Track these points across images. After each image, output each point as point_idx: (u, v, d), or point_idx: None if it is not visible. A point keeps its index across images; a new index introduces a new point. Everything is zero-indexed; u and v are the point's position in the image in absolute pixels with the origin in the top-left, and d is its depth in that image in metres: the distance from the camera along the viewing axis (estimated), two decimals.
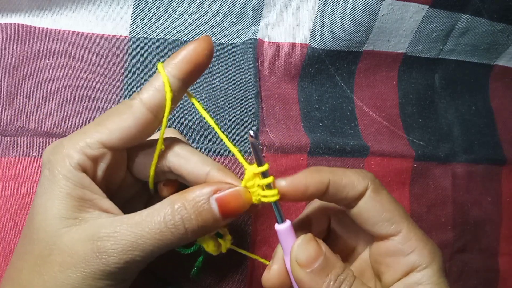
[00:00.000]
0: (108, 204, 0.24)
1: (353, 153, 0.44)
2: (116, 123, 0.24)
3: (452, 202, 0.49)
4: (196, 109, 0.39)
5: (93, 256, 0.22)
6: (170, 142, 0.26)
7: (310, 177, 0.25)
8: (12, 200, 0.34)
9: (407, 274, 0.25)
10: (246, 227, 0.39)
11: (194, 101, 0.26)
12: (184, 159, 0.26)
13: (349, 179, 0.25)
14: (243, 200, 0.24)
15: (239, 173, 0.39)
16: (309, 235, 0.25)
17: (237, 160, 0.39)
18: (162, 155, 0.26)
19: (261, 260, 0.33)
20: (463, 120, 0.52)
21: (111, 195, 0.25)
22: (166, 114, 0.24)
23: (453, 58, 0.51)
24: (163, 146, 0.25)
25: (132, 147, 0.26)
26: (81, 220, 0.23)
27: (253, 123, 0.40)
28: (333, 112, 0.46)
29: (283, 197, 0.25)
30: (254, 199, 0.25)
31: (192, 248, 0.31)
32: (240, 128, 0.40)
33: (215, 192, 0.23)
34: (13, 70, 0.35)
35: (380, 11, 0.42)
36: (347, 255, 0.30)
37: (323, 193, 0.25)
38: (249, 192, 0.25)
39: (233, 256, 0.39)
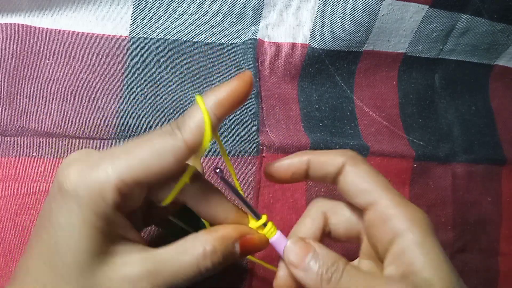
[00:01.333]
0: (134, 234, 0.24)
1: None
2: (155, 160, 0.22)
3: (452, 202, 0.49)
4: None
5: (148, 281, 0.22)
6: (193, 179, 0.25)
7: (291, 158, 0.27)
8: (12, 200, 0.34)
9: (391, 243, 0.24)
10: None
11: (218, 138, 0.27)
12: (203, 199, 0.26)
13: (327, 156, 0.27)
14: (261, 245, 0.27)
15: (239, 174, 0.39)
16: (296, 237, 0.27)
17: (237, 160, 0.39)
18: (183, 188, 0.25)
19: (262, 263, 0.33)
20: (463, 120, 0.52)
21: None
22: (200, 153, 0.23)
23: (453, 58, 0.51)
24: (188, 180, 0.24)
25: None
26: (113, 256, 0.22)
27: (253, 123, 0.40)
28: (333, 112, 0.46)
29: (272, 179, 0.28)
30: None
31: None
32: (240, 128, 0.40)
33: (240, 237, 0.25)
34: (13, 70, 0.35)
35: (380, 11, 0.42)
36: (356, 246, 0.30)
37: (305, 172, 0.27)
38: (267, 239, 0.27)
39: None
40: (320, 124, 0.44)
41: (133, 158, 0.22)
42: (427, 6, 0.44)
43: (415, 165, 0.47)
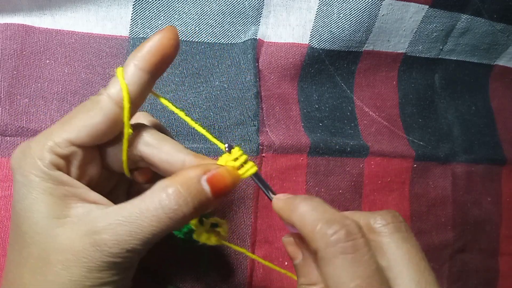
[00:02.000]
0: (95, 196, 0.24)
1: (353, 153, 0.44)
2: (84, 120, 0.23)
3: (452, 202, 0.49)
4: (196, 109, 0.40)
5: (94, 250, 0.22)
6: (138, 130, 0.26)
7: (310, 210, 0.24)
8: (12, 200, 0.33)
9: None
10: (246, 227, 0.39)
11: (162, 100, 0.26)
12: (155, 148, 0.26)
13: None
14: (232, 177, 0.25)
15: None
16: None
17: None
18: (131, 144, 0.25)
19: (260, 260, 0.33)
20: (463, 120, 0.52)
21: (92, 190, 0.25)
22: (126, 106, 0.24)
23: (453, 58, 0.51)
24: (131, 130, 0.24)
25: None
26: (72, 217, 0.23)
27: (253, 123, 0.40)
28: (333, 112, 0.46)
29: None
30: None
31: (184, 229, 0.32)
32: (240, 128, 0.40)
33: (204, 173, 0.24)
34: (13, 70, 0.35)
35: (380, 11, 0.42)
36: None
37: None
38: (236, 169, 0.25)
39: (233, 256, 0.39)
40: (320, 124, 0.44)
41: (65, 122, 0.24)
42: (427, 6, 0.44)
43: (415, 165, 0.47)
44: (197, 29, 0.40)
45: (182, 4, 0.39)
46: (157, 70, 0.24)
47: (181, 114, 0.27)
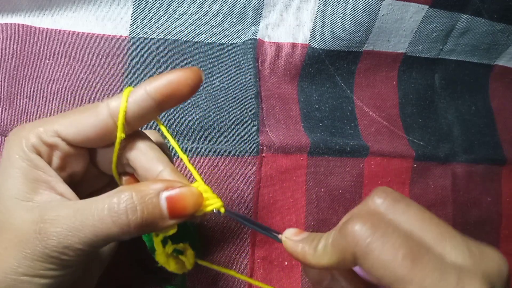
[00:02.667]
0: (63, 188, 0.24)
1: (353, 153, 0.44)
2: (76, 119, 0.24)
3: (452, 202, 0.49)
4: (196, 109, 0.40)
5: (34, 237, 0.22)
6: (135, 136, 0.26)
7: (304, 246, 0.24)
8: None
9: None
10: (246, 227, 0.39)
11: (162, 128, 0.26)
12: (141, 153, 0.25)
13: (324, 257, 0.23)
14: (194, 201, 0.24)
15: (239, 174, 0.39)
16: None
17: (237, 160, 0.39)
18: (123, 147, 0.25)
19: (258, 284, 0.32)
20: (463, 120, 0.52)
21: (75, 185, 0.25)
22: (120, 117, 0.24)
23: (453, 58, 0.51)
24: (123, 135, 0.24)
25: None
26: (34, 202, 0.23)
27: (253, 123, 0.40)
28: (333, 112, 0.46)
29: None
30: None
31: (149, 244, 0.30)
32: (240, 128, 0.40)
33: (166, 188, 0.23)
34: (13, 70, 0.35)
35: (380, 11, 0.42)
36: None
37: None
38: (201, 195, 0.24)
39: (233, 255, 0.39)
40: (320, 124, 0.44)
41: (61, 115, 0.24)
42: (427, 6, 0.44)
43: (415, 165, 0.47)
44: (197, 29, 0.40)
45: (182, 4, 0.39)
46: (164, 101, 0.24)
47: (177, 148, 0.26)
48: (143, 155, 0.25)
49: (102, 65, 0.38)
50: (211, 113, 0.40)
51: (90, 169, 0.27)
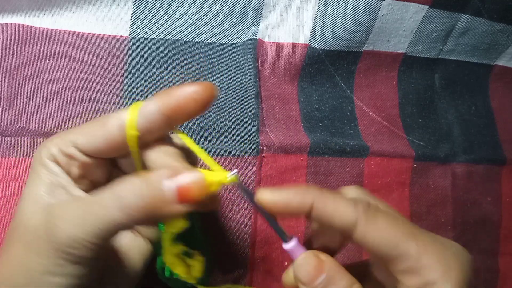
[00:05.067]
0: (79, 192, 0.25)
1: (353, 153, 0.44)
2: (89, 130, 0.25)
3: (452, 202, 0.49)
4: None
5: (44, 233, 0.22)
6: (159, 140, 0.26)
7: (290, 193, 0.24)
8: (12, 200, 0.34)
9: None
10: (246, 227, 0.39)
11: (183, 136, 0.26)
12: (161, 158, 0.25)
13: (335, 207, 0.24)
14: (201, 185, 0.23)
15: (240, 174, 0.39)
16: (310, 252, 0.25)
17: (237, 161, 0.39)
18: (146, 151, 0.26)
19: None
20: (463, 120, 0.52)
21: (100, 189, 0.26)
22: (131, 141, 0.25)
23: (453, 58, 0.51)
24: (137, 132, 0.24)
25: None
26: (49, 202, 0.24)
27: (253, 123, 0.40)
28: (333, 112, 0.46)
29: (268, 209, 0.25)
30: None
31: (167, 274, 0.28)
32: (240, 128, 0.40)
33: (173, 174, 0.23)
34: (13, 70, 0.35)
35: (380, 11, 0.42)
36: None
37: (307, 215, 0.24)
38: (204, 176, 0.24)
39: (233, 253, 0.39)
40: (320, 124, 0.44)
41: (80, 127, 0.26)
42: (427, 6, 0.44)
43: (415, 165, 0.47)
44: (197, 29, 0.40)
45: (182, 4, 0.39)
46: (173, 116, 0.24)
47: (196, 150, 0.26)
48: (159, 153, 0.25)
49: (102, 65, 0.38)
50: (211, 113, 0.40)
51: (115, 173, 0.28)
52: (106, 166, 0.27)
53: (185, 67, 0.40)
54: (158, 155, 0.25)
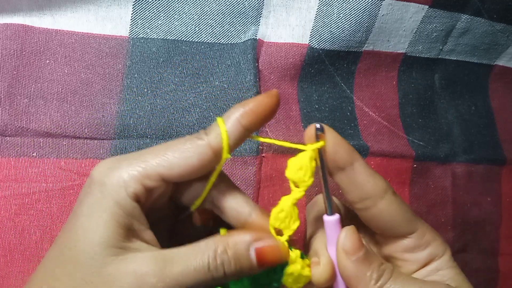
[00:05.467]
0: (149, 235, 0.25)
1: None
2: (180, 159, 0.24)
3: (452, 202, 0.49)
4: (196, 109, 0.40)
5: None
6: (220, 177, 0.27)
7: (345, 146, 0.27)
8: (12, 200, 0.34)
9: (426, 265, 0.28)
10: None
11: (260, 139, 0.28)
12: (230, 195, 0.27)
13: (372, 173, 0.26)
14: (280, 254, 0.25)
15: (239, 174, 0.39)
16: (353, 227, 0.26)
17: (237, 161, 0.39)
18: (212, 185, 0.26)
19: None
20: (463, 120, 0.52)
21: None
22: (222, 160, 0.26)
23: (453, 58, 0.51)
24: (229, 155, 0.26)
25: None
26: (126, 251, 0.23)
27: None
28: (333, 112, 0.46)
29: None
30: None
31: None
32: None
33: (255, 240, 0.24)
34: (13, 70, 0.35)
35: (380, 11, 0.42)
36: None
37: (342, 170, 0.27)
38: (286, 246, 0.26)
39: None
40: None
41: (159, 154, 0.24)
42: (427, 6, 0.44)
43: (415, 165, 0.47)
44: (197, 29, 0.40)
45: (182, 4, 0.39)
46: (253, 128, 0.25)
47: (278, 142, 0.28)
48: (231, 197, 0.27)
49: (102, 65, 0.38)
50: (211, 113, 0.40)
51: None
52: (169, 192, 0.26)
53: (185, 67, 0.40)
54: (236, 199, 0.27)
